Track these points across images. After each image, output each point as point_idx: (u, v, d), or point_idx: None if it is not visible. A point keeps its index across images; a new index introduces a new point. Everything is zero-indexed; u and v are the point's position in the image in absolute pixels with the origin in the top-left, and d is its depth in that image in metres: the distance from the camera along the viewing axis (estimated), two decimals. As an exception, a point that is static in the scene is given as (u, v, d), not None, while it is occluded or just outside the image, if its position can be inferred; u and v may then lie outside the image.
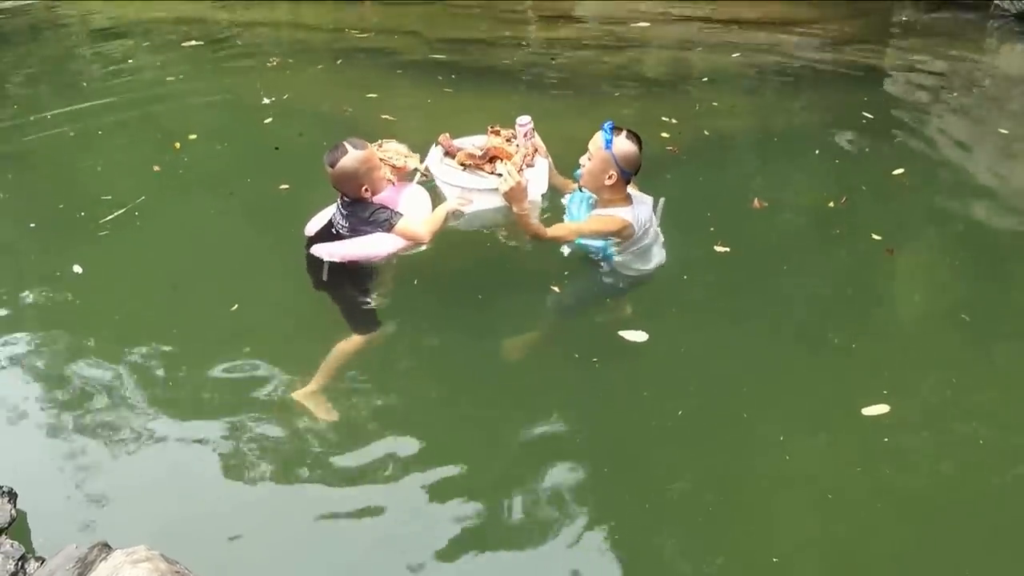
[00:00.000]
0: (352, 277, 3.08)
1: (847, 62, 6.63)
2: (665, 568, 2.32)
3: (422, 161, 3.23)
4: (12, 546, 2.15)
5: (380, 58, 6.67)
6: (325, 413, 2.83)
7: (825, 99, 5.90)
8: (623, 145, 2.84)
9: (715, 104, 5.63)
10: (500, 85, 6.14)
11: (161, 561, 2.02)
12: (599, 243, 3.01)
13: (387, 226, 2.94)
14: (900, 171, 4.46)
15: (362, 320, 3.07)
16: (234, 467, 2.62)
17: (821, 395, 2.90)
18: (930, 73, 6.39)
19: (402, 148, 3.20)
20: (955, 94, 6.03)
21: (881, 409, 2.74)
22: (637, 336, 3.02)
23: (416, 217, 3.03)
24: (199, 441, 2.72)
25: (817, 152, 4.82)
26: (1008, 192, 4.50)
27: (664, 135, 4.92)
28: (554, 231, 2.96)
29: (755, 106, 5.79)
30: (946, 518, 2.47)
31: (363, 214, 2.95)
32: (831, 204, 4.07)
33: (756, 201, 4.03)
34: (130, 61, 6.72)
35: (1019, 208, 4.29)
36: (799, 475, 2.59)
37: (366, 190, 2.94)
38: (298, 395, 2.87)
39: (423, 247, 3.03)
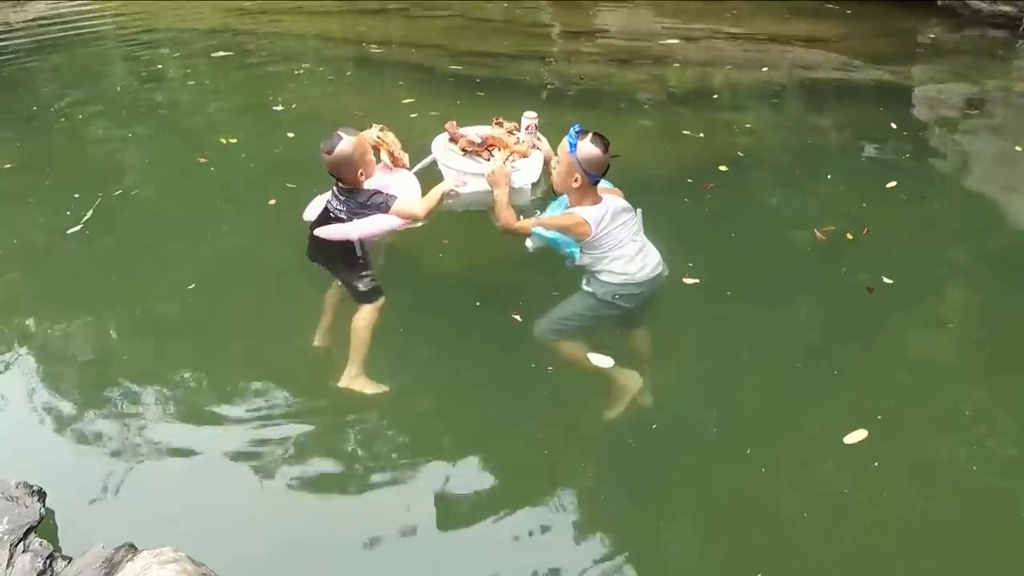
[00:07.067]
0: (346, 255, 3.22)
1: (874, 81, 6.60)
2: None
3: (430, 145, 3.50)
4: (41, 544, 2.17)
5: (405, 70, 6.74)
6: (374, 389, 3.02)
7: (851, 119, 5.87)
8: (587, 148, 2.90)
9: (739, 121, 5.61)
10: (522, 98, 6.13)
11: (188, 563, 2.03)
12: (552, 235, 3.08)
13: (384, 208, 3.15)
14: (894, 183, 4.49)
15: (365, 291, 3.21)
16: (262, 469, 2.64)
17: (799, 417, 2.94)
18: (957, 93, 6.35)
19: (397, 142, 3.46)
20: (982, 115, 5.99)
21: (860, 435, 2.76)
22: (603, 361, 3.02)
23: (410, 198, 3.27)
24: (227, 443, 2.74)
25: (830, 176, 4.78)
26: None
27: (688, 151, 4.91)
28: (521, 222, 3.16)
29: (780, 124, 5.77)
30: (921, 538, 2.49)
31: (360, 199, 3.15)
32: (850, 236, 4.02)
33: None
34: (159, 67, 6.84)
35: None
36: (773, 491, 2.62)
37: (361, 174, 3.14)
38: (343, 383, 3.02)
39: (419, 223, 3.23)
